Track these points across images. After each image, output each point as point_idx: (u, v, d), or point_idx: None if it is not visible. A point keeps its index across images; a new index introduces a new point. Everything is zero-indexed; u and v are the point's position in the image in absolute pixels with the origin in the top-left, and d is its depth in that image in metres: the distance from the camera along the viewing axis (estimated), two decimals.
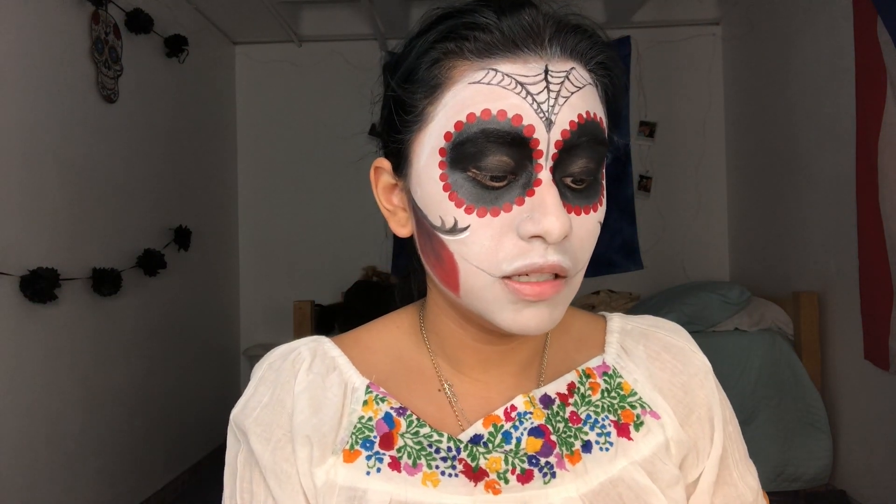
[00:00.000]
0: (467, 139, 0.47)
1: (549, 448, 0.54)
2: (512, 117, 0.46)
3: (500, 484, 0.52)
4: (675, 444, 0.58)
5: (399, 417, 0.54)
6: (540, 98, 0.46)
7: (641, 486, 0.54)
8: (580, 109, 0.48)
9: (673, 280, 3.57)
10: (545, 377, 0.59)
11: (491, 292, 0.48)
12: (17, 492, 1.94)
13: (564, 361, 0.60)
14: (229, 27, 3.62)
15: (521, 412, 0.55)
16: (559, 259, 0.47)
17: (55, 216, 2.15)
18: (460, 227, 0.48)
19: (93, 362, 2.35)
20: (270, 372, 0.58)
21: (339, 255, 3.77)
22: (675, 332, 0.64)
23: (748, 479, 0.62)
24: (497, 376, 0.58)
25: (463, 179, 0.48)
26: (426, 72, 0.50)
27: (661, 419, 0.58)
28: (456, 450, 0.53)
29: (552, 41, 0.48)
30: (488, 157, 0.47)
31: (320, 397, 0.55)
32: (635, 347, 0.62)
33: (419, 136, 0.51)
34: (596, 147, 0.49)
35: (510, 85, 0.47)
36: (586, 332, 0.63)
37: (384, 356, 0.59)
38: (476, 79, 0.47)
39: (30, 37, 2.05)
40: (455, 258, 0.49)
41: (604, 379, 0.59)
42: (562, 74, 0.47)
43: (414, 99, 0.51)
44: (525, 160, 0.47)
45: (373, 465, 0.52)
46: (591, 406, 0.57)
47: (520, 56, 0.47)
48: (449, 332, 0.57)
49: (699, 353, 0.63)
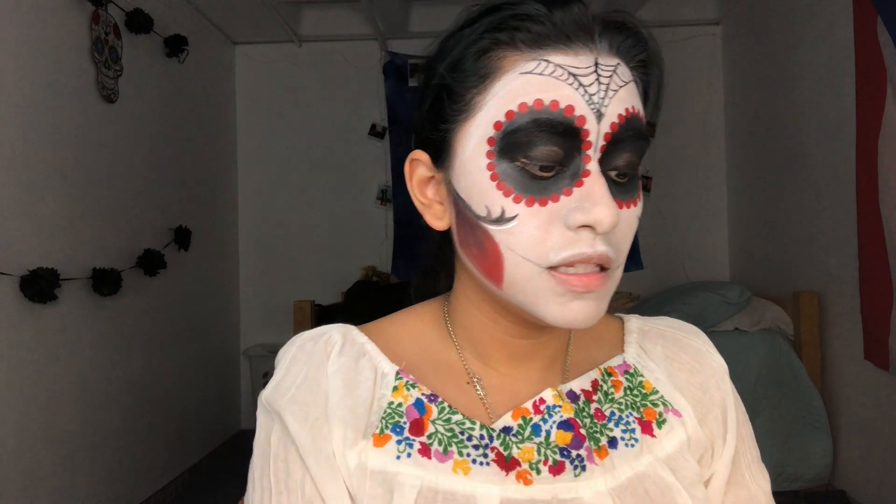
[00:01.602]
0: (518, 128, 0.47)
1: (580, 441, 0.54)
2: (564, 108, 0.46)
3: (531, 474, 0.52)
4: (695, 442, 0.58)
5: (430, 404, 0.54)
6: (591, 90, 0.47)
7: (667, 484, 0.54)
8: (627, 104, 0.48)
9: (673, 280, 3.57)
10: (569, 374, 0.59)
11: (537, 283, 0.48)
12: (16, 492, 1.94)
13: (586, 359, 0.61)
14: (229, 27, 3.62)
15: (549, 405, 0.55)
16: (606, 249, 0.47)
17: (55, 216, 2.15)
18: (507, 216, 0.48)
19: (93, 362, 2.35)
20: (302, 353, 0.57)
21: (339, 255, 3.77)
22: (692, 333, 0.65)
23: (760, 482, 0.62)
24: (524, 371, 0.58)
25: (511, 169, 0.48)
26: (475, 62, 0.50)
27: (682, 417, 0.59)
28: (489, 438, 0.53)
29: (602, 36, 0.49)
30: (539, 147, 0.47)
31: (353, 380, 0.54)
32: (654, 348, 0.63)
33: (465, 126, 0.51)
34: (639, 142, 0.49)
35: (562, 76, 0.47)
36: (605, 332, 0.64)
37: (410, 346, 0.59)
38: (528, 69, 0.48)
39: (30, 37, 2.05)
40: (500, 248, 0.49)
41: (625, 377, 0.60)
42: (610, 68, 0.48)
43: (462, 88, 0.50)
44: (574, 151, 0.47)
45: (403, 450, 0.52)
46: (614, 403, 0.58)
47: (571, 48, 0.48)
48: (479, 325, 0.57)
49: (716, 354, 0.64)
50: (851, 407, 2.44)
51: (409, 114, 3.73)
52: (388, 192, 3.77)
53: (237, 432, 3.73)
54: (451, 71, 0.51)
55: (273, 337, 3.76)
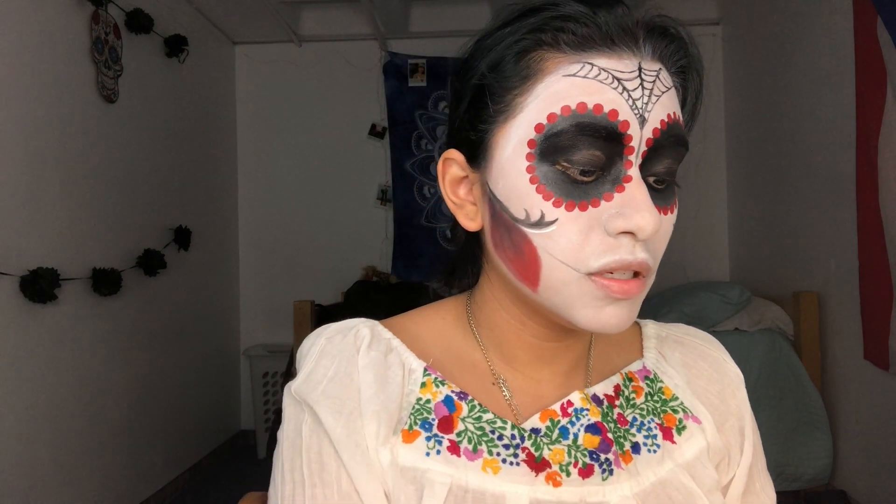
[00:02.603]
0: (561, 131, 0.46)
1: (607, 445, 0.54)
2: (608, 112, 0.46)
3: (561, 476, 0.52)
4: (713, 450, 0.58)
5: (461, 402, 0.53)
6: (635, 94, 0.46)
7: (688, 490, 0.54)
8: (669, 109, 0.48)
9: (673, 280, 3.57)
10: (592, 378, 0.59)
11: (575, 288, 0.48)
12: (17, 492, 1.94)
13: (607, 364, 0.61)
14: (229, 27, 3.62)
15: (577, 408, 0.55)
16: (646, 256, 0.47)
17: (55, 216, 2.15)
18: (547, 220, 0.47)
19: (93, 362, 2.35)
20: (331, 345, 0.55)
21: (339, 255, 3.77)
22: (709, 341, 0.65)
23: (769, 491, 0.63)
24: (549, 374, 0.57)
25: (552, 172, 0.47)
26: (516, 63, 0.49)
27: (701, 424, 0.59)
28: (520, 438, 0.53)
29: (646, 41, 0.48)
30: (581, 151, 0.46)
31: (383, 375, 0.53)
32: (672, 354, 0.63)
33: (504, 128, 0.50)
34: (679, 149, 0.49)
35: (607, 80, 0.46)
36: (623, 336, 0.64)
37: (433, 344, 0.58)
38: (571, 71, 0.47)
39: (30, 37, 2.05)
40: (538, 252, 0.48)
41: (646, 383, 0.60)
42: (654, 73, 0.48)
43: (502, 89, 0.50)
44: (616, 156, 0.47)
45: (432, 447, 0.51)
46: (636, 409, 0.58)
47: (615, 52, 0.47)
48: (507, 327, 0.56)
49: (732, 363, 0.64)
50: (851, 407, 2.44)
51: (409, 114, 3.73)
52: (388, 192, 3.77)
53: (237, 432, 3.73)
54: (491, 71, 0.50)
55: (273, 337, 3.76)
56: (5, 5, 1.95)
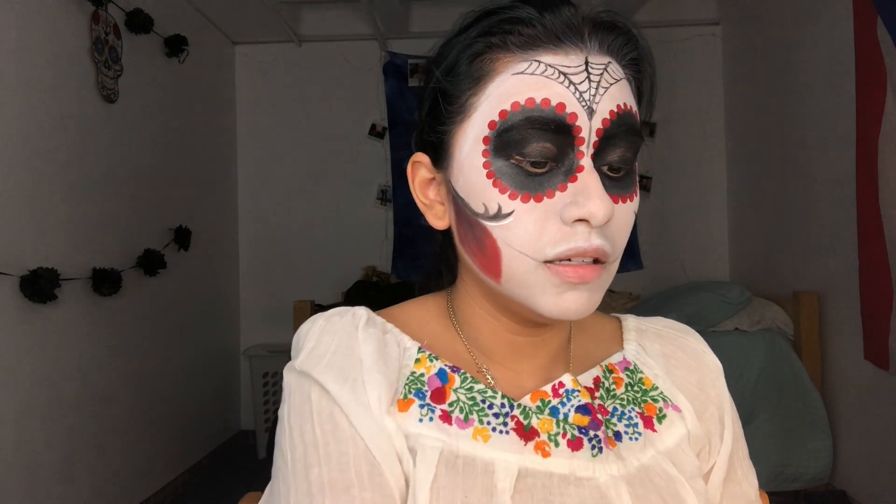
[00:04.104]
0: (512, 126, 0.49)
1: (597, 424, 0.55)
2: (556, 105, 0.48)
3: (549, 446, 0.53)
4: (694, 437, 0.60)
5: (453, 374, 0.56)
6: (582, 87, 0.49)
7: (671, 476, 0.55)
8: (618, 100, 0.50)
9: (673, 280, 3.57)
10: (572, 371, 0.60)
11: (534, 277, 0.50)
12: (17, 492, 1.94)
13: (587, 357, 0.62)
14: (229, 27, 3.62)
15: (568, 389, 0.56)
16: (602, 243, 0.49)
17: (55, 216, 2.15)
18: (504, 212, 0.50)
19: (93, 362, 2.35)
20: (330, 324, 0.57)
21: (339, 255, 3.77)
22: (688, 333, 0.67)
23: (751, 479, 0.64)
24: (529, 367, 0.59)
25: (506, 167, 0.50)
26: (469, 65, 0.52)
27: (682, 412, 0.60)
28: (510, 407, 0.54)
29: (591, 36, 0.51)
30: (532, 144, 0.48)
31: (383, 349, 0.55)
32: (652, 346, 0.64)
33: (462, 127, 0.53)
34: (632, 137, 0.51)
35: (553, 75, 0.49)
36: (604, 331, 0.66)
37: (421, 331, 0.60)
38: (520, 70, 0.50)
39: (30, 37, 2.05)
40: (498, 244, 0.51)
41: (626, 374, 0.61)
42: (601, 66, 0.50)
43: (458, 91, 0.53)
44: (567, 148, 0.49)
45: (425, 415, 0.53)
46: (616, 399, 0.59)
47: (561, 48, 0.50)
48: (483, 322, 0.59)
49: (711, 354, 0.66)
50: (851, 407, 2.44)
51: (410, 114, 3.73)
52: (388, 192, 3.77)
53: (237, 432, 3.73)
54: (446, 75, 0.54)
55: (273, 337, 3.76)
56: (5, 5, 1.95)
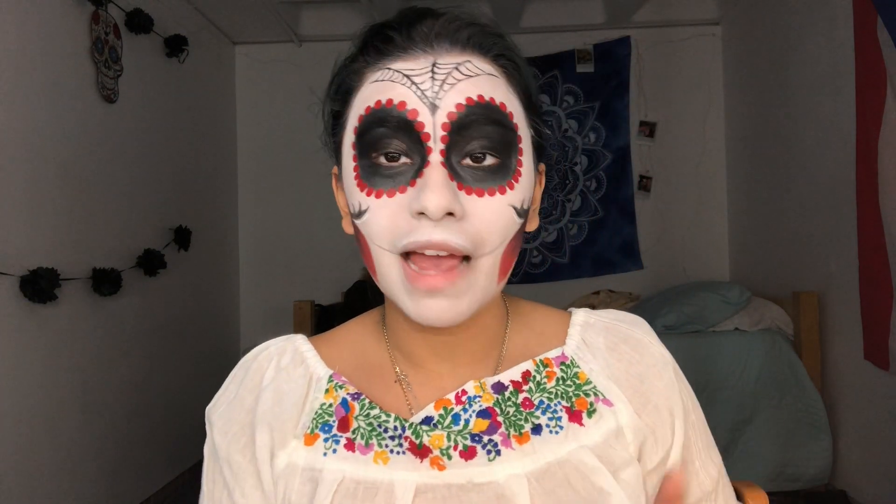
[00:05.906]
0: (366, 128, 0.53)
1: (495, 427, 0.57)
2: (398, 104, 0.52)
3: (443, 460, 0.55)
4: (632, 430, 0.59)
5: (353, 402, 0.59)
6: (424, 86, 0.52)
7: (589, 467, 0.56)
8: (470, 93, 0.52)
9: (673, 280, 3.57)
10: (501, 368, 0.61)
11: (395, 272, 0.53)
12: (17, 492, 1.94)
13: (524, 354, 0.63)
14: (229, 27, 3.62)
15: (470, 396, 0.58)
16: (446, 237, 0.50)
17: (55, 216, 2.15)
18: (363, 209, 0.54)
19: (93, 362, 2.35)
20: (240, 370, 0.64)
21: (339, 255, 3.76)
22: (635, 324, 0.66)
23: (710, 470, 0.65)
24: (450, 368, 0.61)
25: (367, 166, 0.54)
26: (343, 82, 0.58)
27: (613, 406, 0.60)
28: (402, 429, 0.57)
29: (438, 38, 0.54)
30: (382, 141, 0.52)
31: (284, 389, 0.60)
32: (596, 340, 0.64)
33: (343, 138, 0.58)
34: (489, 126, 0.52)
35: (397, 78, 0.53)
36: (549, 327, 0.66)
37: (350, 353, 0.64)
38: (374, 78, 0.54)
39: (30, 37, 2.05)
40: (366, 240, 0.55)
41: (560, 368, 0.61)
42: (450, 66, 0.53)
43: (338, 106, 0.59)
44: (416, 144, 0.52)
45: (329, 447, 0.57)
46: (545, 393, 0.60)
47: (410, 55, 0.54)
48: (398, 324, 0.61)
49: (658, 345, 0.65)
50: (851, 407, 2.44)
51: None
52: None
53: None
54: (330, 95, 0.61)
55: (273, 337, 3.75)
56: (5, 5, 1.95)
